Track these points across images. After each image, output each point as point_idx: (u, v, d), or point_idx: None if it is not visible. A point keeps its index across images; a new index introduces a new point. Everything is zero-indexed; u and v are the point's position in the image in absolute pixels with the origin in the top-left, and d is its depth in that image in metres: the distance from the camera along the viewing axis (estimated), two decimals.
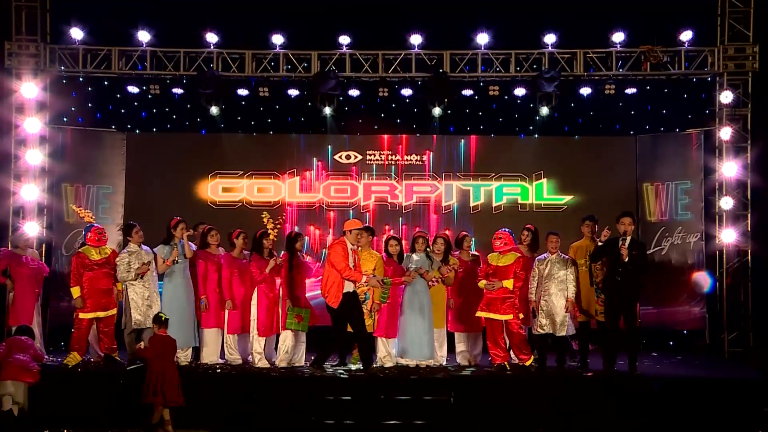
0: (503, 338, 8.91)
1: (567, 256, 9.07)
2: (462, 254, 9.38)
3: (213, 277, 9.15)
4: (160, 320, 8.10)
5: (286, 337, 8.84)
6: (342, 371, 8.70)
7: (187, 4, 10.75)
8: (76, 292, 8.86)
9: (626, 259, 8.41)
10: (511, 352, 8.99)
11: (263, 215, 8.98)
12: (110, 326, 9.00)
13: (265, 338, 9.01)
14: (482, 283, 8.86)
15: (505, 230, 8.98)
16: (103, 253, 9.00)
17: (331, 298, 8.59)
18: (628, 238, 8.53)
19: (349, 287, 8.57)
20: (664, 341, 10.97)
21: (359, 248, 8.85)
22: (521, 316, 8.90)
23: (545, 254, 9.02)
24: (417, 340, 8.89)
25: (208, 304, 9.08)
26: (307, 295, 9.23)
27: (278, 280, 8.98)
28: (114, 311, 9.01)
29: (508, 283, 8.73)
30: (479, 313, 8.86)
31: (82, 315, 8.86)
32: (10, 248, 9.81)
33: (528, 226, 9.58)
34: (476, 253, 9.59)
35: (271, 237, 8.90)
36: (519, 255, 8.88)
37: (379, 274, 8.85)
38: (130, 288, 8.97)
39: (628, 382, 8.46)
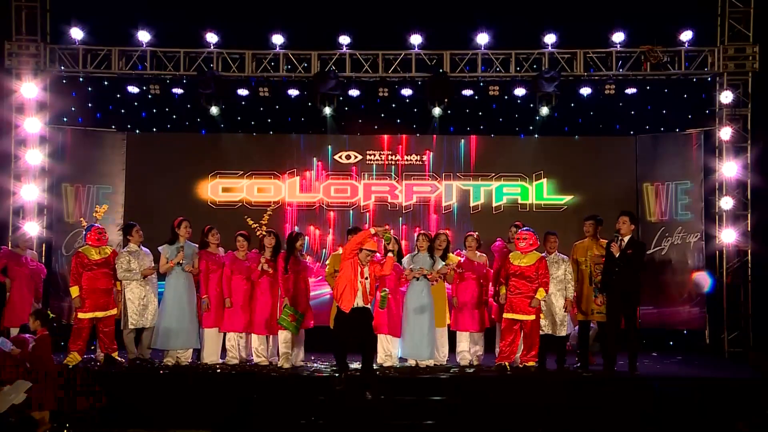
0: (519, 339, 8.89)
1: (565, 256, 9.07)
2: (468, 254, 9.37)
3: (214, 277, 9.15)
4: (45, 318, 7.94)
5: (287, 338, 8.84)
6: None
7: (187, 4, 10.77)
8: (74, 291, 8.86)
9: (617, 256, 8.44)
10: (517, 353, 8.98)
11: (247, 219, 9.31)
12: (110, 326, 9.00)
13: (265, 338, 9.04)
14: (502, 290, 8.86)
15: (528, 230, 8.91)
16: (103, 253, 9.00)
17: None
18: (626, 237, 8.55)
19: (358, 302, 7.91)
20: (664, 341, 10.98)
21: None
22: (542, 316, 8.89)
23: (543, 254, 9.01)
24: (418, 340, 8.90)
25: (210, 304, 9.08)
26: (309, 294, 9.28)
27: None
28: (114, 311, 9.01)
29: (541, 294, 8.67)
30: (506, 315, 8.81)
31: (81, 315, 8.86)
32: (10, 248, 9.82)
33: (516, 223, 9.54)
34: (482, 254, 9.50)
35: (261, 235, 9.08)
36: (541, 255, 8.84)
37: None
38: (127, 288, 8.99)
39: (628, 382, 8.46)
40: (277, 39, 10.93)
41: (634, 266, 8.54)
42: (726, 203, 10.50)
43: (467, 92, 11.25)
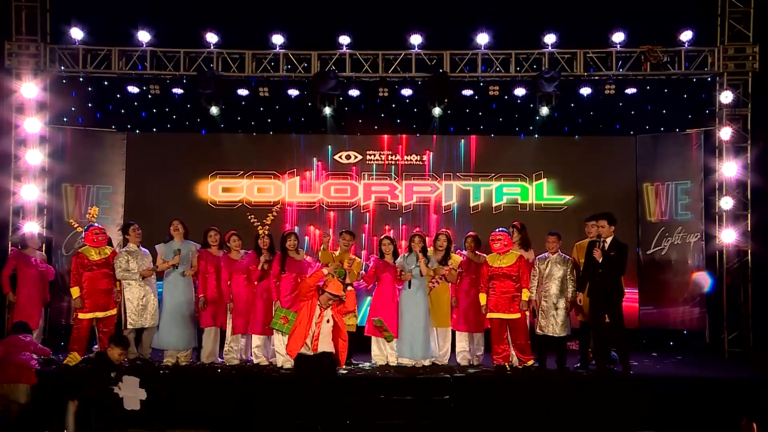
0: (507, 338, 8.90)
1: (567, 256, 9.07)
2: (468, 254, 9.36)
3: (212, 276, 9.16)
4: None
5: (282, 339, 8.81)
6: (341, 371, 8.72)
7: (187, 4, 10.77)
8: (75, 292, 8.86)
9: (600, 260, 8.47)
10: (513, 353, 8.97)
11: (250, 216, 9.12)
12: (110, 326, 9.01)
13: (264, 338, 9.04)
14: (482, 298, 8.85)
15: (501, 230, 8.96)
16: (103, 253, 9.01)
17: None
18: (607, 240, 8.58)
19: (310, 347, 7.49)
20: (664, 341, 10.97)
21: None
22: (527, 313, 8.88)
23: (545, 254, 9.02)
24: (413, 339, 8.92)
25: (207, 303, 9.08)
26: None
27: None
28: (114, 311, 9.02)
29: (525, 295, 8.75)
30: (490, 315, 8.83)
31: (81, 315, 8.87)
32: (19, 248, 9.78)
33: (514, 223, 9.56)
34: (482, 254, 9.49)
35: (262, 235, 8.97)
36: (519, 254, 8.88)
37: (357, 269, 8.98)
38: (126, 288, 9.00)
39: (627, 382, 8.46)
40: (277, 39, 10.93)
41: (616, 267, 8.57)
42: (726, 203, 10.49)
43: (467, 92, 11.24)
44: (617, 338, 8.65)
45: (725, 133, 10.54)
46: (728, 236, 10.48)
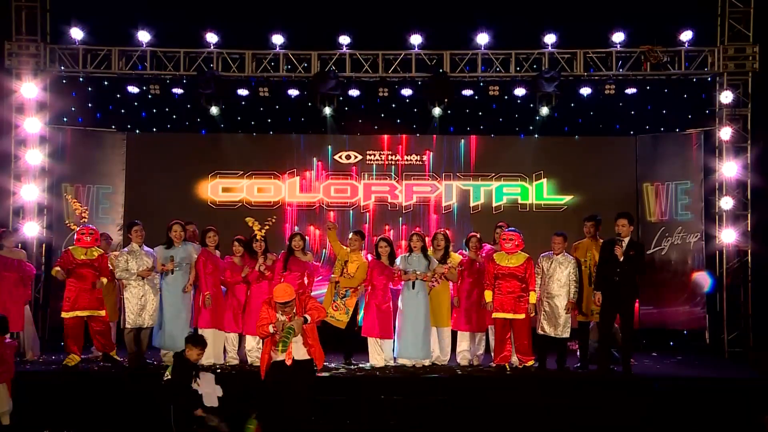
0: (510, 338, 8.88)
1: (571, 257, 9.04)
2: (470, 254, 9.35)
3: (212, 276, 9.15)
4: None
5: None
6: (341, 371, 8.70)
7: (187, 4, 10.78)
8: (54, 271, 8.89)
9: (621, 259, 8.44)
10: (514, 353, 8.96)
11: (248, 219, 8.99)
12: (102, 326, 8.96)
13: (257, 338, 9.05)
14: (488, 296, 8.81)
15: (513, 231, 8.91)
16: (90, 254, 8.93)
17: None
18: (625, 239, 8.56)
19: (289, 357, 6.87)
20: (664, 341, 10.98)
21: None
22: (532, 314, 8.88)
23: (549, 252, 8.99)
24: (413, 340, 8.90)
25: (210, 301, 9.06)
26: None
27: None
28: (102, 312, 8.95)
29: (533, 298, 8.74)
30: (495, 315, 8.80)
31: (63, 314, 8.85)
32: None
33: (500, 223, 9.55)
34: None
35: (259, 239, 8.91)
36: (528, 255, 8.85)
37: (361, 275, 8.96)
38: (125, 287, 8.98)
39: (627, 382, 8.45)
40: (277, 39, 10.93)
41: (636, 266, 8.55)
42: (726, 203, 10.49)
43: (467, 92, 11.25)
44: (626, 338, 8.64)
45: (725, 133, 10.54)
46: (728, 236, 10.48)
